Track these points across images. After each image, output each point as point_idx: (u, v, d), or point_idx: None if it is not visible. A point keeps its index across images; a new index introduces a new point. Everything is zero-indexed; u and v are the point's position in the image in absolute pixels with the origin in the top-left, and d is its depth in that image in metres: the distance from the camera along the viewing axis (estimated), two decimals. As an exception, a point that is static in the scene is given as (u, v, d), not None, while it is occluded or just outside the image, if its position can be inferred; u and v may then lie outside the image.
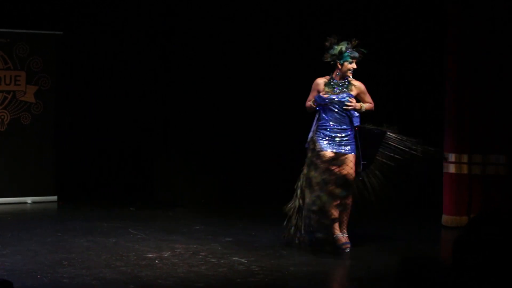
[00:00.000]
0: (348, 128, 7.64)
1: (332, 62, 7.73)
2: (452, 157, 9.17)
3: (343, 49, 7.64)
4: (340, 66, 7.66)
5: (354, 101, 7.66)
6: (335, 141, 7.59)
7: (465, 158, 9.13)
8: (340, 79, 7.70)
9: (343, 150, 7.57)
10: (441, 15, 9.97)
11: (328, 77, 7.76)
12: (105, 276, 6.44)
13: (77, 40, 11.58)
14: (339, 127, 7.62)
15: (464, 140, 9.16)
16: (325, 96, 7.60)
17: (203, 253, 7.38)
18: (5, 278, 3.49)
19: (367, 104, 7.75)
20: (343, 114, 7.64)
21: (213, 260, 7.11)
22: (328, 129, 7.61)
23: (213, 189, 11.01)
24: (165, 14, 11.55)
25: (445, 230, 9.07)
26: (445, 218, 9.14)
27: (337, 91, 7.65)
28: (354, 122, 7.65)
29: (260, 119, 11.06)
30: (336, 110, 7.63)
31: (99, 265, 6.84)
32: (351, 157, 7.60)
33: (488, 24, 9.26)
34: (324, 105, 7.64)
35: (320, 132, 7.63)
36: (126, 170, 11.73)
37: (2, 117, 10.86)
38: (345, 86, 7.69)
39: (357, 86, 7.73)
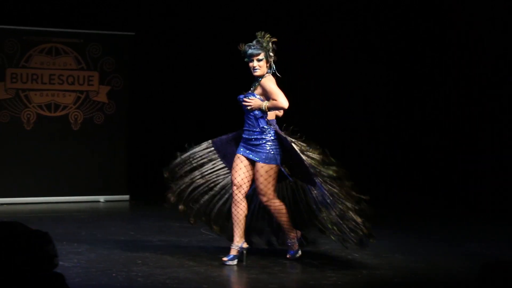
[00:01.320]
0: (256, 131, 6.96)
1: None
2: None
3: (245, 48, 6.97)
4: None
5: (253, 99, 6.93)
6: (249, 144, 7.00)
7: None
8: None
9: (251, 156, 6.97)
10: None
11: None
12: (179, 276, 6.47)
13: (149, 40, 11.71)
14: (248, 129, 7.02)
15: None
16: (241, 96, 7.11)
17: (275, 255, 7.37)
18: (58, 271, 3.50)
19: (269, 102, 6.88)
20: (248, 115, 7.01)
21: (285, 261, 7.09)
22: (244, 131, 7.06)
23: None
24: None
25: None
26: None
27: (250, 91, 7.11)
28: (260, 123, 6.95)
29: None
30: (245, 110, 7.07)
31: (173, 265, 6.88)
32: (258, 167, 6.93)
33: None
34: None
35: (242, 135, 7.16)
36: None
37: (76, 116, 11.01)
38: (254, 85, 7.06)
39: (261, 83, 6.97)
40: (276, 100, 6.83)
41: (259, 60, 6.92)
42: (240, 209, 6.99)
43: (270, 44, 6.97)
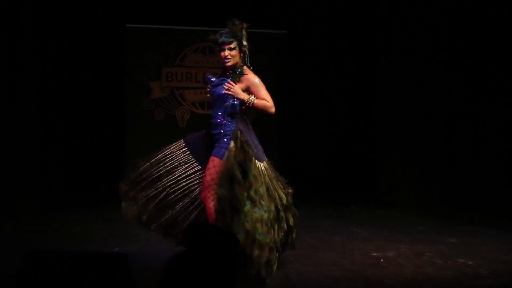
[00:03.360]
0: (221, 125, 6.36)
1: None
2: None
3: (216, 37, 6.42)
4: None
5: (235, 86, 6.32)
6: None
7: None
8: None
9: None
10: None
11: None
12: (333, 274, 6.47)
13: (300, 38, 11.76)
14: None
15: None
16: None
17: (428, 254, 7.27)
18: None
19: (258, 100, 6.36)
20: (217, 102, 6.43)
21: (439, 261, 6.99)
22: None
23: (433, 191, 10.84)
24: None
25: None
26: None
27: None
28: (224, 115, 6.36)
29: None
30: (216, 96, 6.45)
31: (326, 263, 6.89)
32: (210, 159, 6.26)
33: None
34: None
35: None
36: (345, 168, 11.80)
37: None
38: (233, 77, 6.39)
39: (248, 79, 6.40)
40: (268, 102, 6.35)
41: (231, 49, 6.34)
42: None
43: (243, 31, 6.41)
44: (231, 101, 6.35)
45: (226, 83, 6.34)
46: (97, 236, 7.94)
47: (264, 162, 6.32)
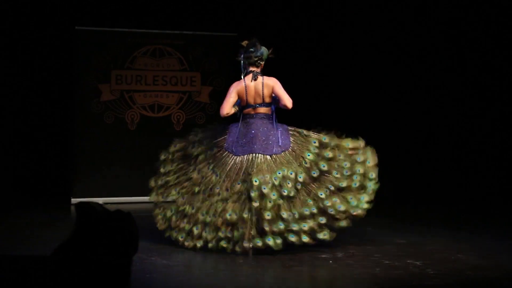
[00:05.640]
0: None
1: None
2: None
3: (261, 51, 8.06)
4: None
5: None
6: None
7: None
8: None
9: None
10: None
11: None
12: (282, 276, 6.44)
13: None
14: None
15: None
16: None
17: (377, 255, 7.29)
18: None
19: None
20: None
21: (387, 262, 7.01)
22: None
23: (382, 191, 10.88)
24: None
25: None
26: None
27: None
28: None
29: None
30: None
31: (275, 265, 6.87)
32: None
33: None
34: None
35: None
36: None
37: (178, 117, 11.16)
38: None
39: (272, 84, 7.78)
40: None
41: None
42: None
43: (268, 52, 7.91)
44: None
45: None
46: (45, 239, 7.85)
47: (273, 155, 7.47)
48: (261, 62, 7.81)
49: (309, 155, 7.49)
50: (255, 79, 7.72)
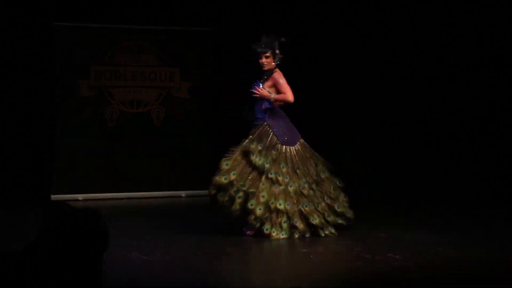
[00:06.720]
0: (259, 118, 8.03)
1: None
2: None
3: (254, 47, 8.00)
4: None
5: (262, 90, 7.94)
6: None
7: None
8: None
9: None
10: None
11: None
12: (264, 270, 6.44)
13: (230, 36, 11.71)
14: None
15: None
16: None
17: (357, 249, 7.30)
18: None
19: (277, 95, 7.93)
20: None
21: (367, 256, 7.02)
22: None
23: (363, 185, 10.91)
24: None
25: None
26: None
27: None
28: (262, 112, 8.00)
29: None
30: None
31: (256, 260, 6.86)
32: None
33: None
34: None
35: None
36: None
37: (158, 113, 11.13)
38: (264, 78, 8.03)
39: (273, 77, 7.99)
40: (285, 95, 7.84)
41: (266, 57, 7.98)
42: None
43: (276, 42, 7.94)
44: (261, 102, 7.97)
45: (254, 89, 7.93)
46: (24, 236, 7.80)
47: (297, 145, 7.92)
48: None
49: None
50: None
